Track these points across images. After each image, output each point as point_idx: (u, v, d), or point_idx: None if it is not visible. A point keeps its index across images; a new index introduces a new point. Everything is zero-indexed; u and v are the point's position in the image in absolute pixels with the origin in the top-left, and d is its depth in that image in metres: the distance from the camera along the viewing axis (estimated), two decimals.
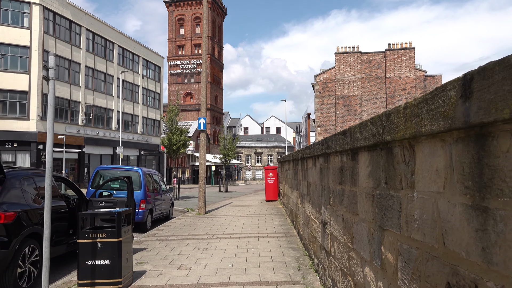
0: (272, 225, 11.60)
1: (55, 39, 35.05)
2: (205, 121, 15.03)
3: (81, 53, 38.67)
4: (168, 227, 11.61)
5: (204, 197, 15.08)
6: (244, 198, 25.37)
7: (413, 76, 44.51)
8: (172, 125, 22.30)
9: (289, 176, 12.40)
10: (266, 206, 18.17)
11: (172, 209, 15.29)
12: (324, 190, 5.18)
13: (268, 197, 21.03)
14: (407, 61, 44.92)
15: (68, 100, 36.75)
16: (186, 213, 16.56)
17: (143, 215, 11.46)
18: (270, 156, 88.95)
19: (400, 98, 44.48)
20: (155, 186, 13.10)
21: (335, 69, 46.75)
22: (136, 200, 11.25)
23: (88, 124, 39.34)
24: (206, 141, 66.96)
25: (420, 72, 44.73)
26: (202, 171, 15.19)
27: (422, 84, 44.65)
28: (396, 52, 45.08)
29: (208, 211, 15.99)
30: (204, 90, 15.25)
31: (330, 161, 4.69)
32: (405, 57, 45.01)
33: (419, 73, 44.73)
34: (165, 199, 13.98)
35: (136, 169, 11.88)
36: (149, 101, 52.61)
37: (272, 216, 14.12)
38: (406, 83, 44.64)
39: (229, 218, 13.61)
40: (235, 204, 19.61)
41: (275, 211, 15.81)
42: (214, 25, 78.22)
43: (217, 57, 79.47)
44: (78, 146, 37.80)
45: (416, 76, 44.57)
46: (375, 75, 45.51)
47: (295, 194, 10.10)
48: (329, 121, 46.67)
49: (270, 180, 20.91)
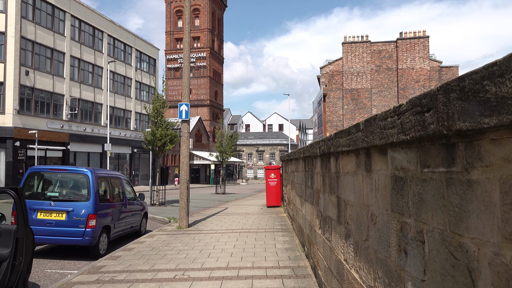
0: (274, 251, 8.23)
1: (35, 25, 31.72)
2: (188, 108, 11.68)
3: (66, 41, 35.33)
4: (129, 252, 8.27)
5: (187, 205, 11.74)
6: (242, 202, 22.02)
7: (427, 67, 41.03)
8: (157, 117, 18.93)
9: (298, 180, 9.05)
10: (267, 215, 14.82)
11: (146, 221, 11.94)
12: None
13: (270, 202, 17.69)
14: (421, 51, 41.42)
15: (50, 92, 33.43)
16: (167, 224, 13.23)
17: (92, 235, 8.13)
18: (272, 154, 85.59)
19: (413, 91, 41.01)
20: (117, 194, 9.75)
21: (342, 60, 43.31)
22: (80, 215, 7.92)
23: (73, 119, 36.03)
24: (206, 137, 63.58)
25: (435, 62, 41.24)
26: (184, 172, 11.84)
27: (437, 76, 41.15)
28: (409, 41, 41.60)
29: (193, 223, 12.64)
30: (187, 68, 11.88)
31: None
32: (418, 47, 41.53)
33: (433, 64, 41.24)
34: (133, 210, 10.63)
35: (84, 171, 8.53)
36: (143, 95, 49.26)
37: (274, 232, 10.75)
38: (419, 74, 41.17)
39: (217, 236, 10.26)
40: (230, 212, 16.26)
41: (278, 223, 12.45)
42: (214, 17, 74.78)
43: (217, 50, 76.03)
44: (62, 143, 34.50)
45: (431, 67, 41.09)
46: (385, 66, 42.06)
47: (308, 209, 6.77)
48: (335, 116, 43.27)
49: (271, 182, 17.55)
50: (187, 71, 11.83)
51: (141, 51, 48.07)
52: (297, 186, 9.30)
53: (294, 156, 9.59)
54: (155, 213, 16.43)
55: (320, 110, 8.50)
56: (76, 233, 8.04)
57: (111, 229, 8.99)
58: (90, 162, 38.41)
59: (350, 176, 3.38)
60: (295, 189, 10.07)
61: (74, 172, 8.70)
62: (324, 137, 4.71)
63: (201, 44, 71.98)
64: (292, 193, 10.93)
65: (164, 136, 18.75)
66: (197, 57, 71.54)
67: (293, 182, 10.68)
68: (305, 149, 6.86)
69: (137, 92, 47.32)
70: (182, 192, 11.76)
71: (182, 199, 11.71)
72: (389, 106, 42.14)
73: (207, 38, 71.66)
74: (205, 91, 71.24)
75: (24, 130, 29.40)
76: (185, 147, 11.78)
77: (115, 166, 42.59)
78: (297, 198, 9.17)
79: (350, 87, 42.54)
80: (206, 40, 71.66)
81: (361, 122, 2.76)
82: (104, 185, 9.08)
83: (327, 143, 4.17)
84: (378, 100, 42.12)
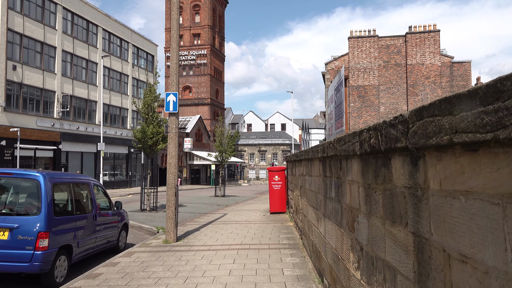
0: (281, 281, 6.23)
1: (23, 16, 29.83)
2: (176, 99, 9.72)
3: (57, 35, 33.43)
4: (92, 282, 6.32)
5: (175, 215, 9.78)
6: (243, 206, 20.07)
7: (438, 62, 39.01)
8: (148, 113, 16.96)
9: (311, 186, 7.10)
10: (270, 224, 12.85)
11: (126, 233, 9.99)
12: None
13: (273, 208, 15.72)
14: (431, 46, 39.41)
15: (40, 89, 31.53)
16: (154, 236, 11.30)
17: (44, 260, 6.18)
18: (274, 154, 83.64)
19: (423, 87, 39.03)
20: (83, 204, 7.80)
21: (348, 56, 41.39)
22: (27, 233, 6.00)
23: (65, 117, 34.13)
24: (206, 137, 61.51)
25: (446, 58, 39.20)
26: (172, 175, 9.88)
27: (448, 72, 39.17)
28: (419, 35, 39.62)
29: (184, 235, 10.68)
30: (176, 50, 9.89)
31: None
32: (428, 41, 39.53)
33: (445, 59, 39.20)
34: (108, 222, 8.70)
35: (34, 175, 6.57)
36: (141, 93, 47.35)
37: (281, 249, 8.78)
38: (430, 70, 39.17)
39: (209, 255, 8.30)
40: (228, 220, 14.29)
41: (284, 235, 10.50)
42: (215, 14, 72.82)
43: (218, 48, 74.06)
44: (53, 143, 32.60)
45: (442, 62, 39.07)
46: (394, 62, 40.10)
47: (331, 230, 4.80)
48: None
49: (275, 186, 15.58)
50: (176, 54, 9.87)
51: (138, 47, 46.17)
52: (310, 194, 7.34)
53: (305, 156, 7.63)
54: (144, 221, 14.49)
55: (339, 98, 6.92)
56: (21, 256, 6.10)
57: (73, 249, 7.04)
58: (84, 163, 36.52)
59: (480, 202, 1.43)
60: (306, 197, 8.12)
61: (21, 176, 6.74)
62: (372, 124, 2.75)
63: (201, 41, 70.05)
64: (302, 201, 8.97)
65: (155, 134, 16.79)
66: (198, 55, 69.62)
67: (303, 188, 8.72)
68: (327, 146, 4.91)
69: (134, 89, 45.42)
70: (169, 199, 9.80)
71: (169, 208, 9.75)
72: (398, 103, 40.10)
73: (208, 35, 69.73)
74: (205, 90, 69.30)
75: (11, 128, 27.51)
76: (172, 145, 9.81)
77: (111, 166, 40.72)
78: (310, 210, 7.21)
79: (357, 84, 40.59)
80: (206, 37, 69.73)
81: None
82: (64, 193, 7.13)
83: (397, 128, 2.20)
84: (386, 97, 40.15)
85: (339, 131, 6.75)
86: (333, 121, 7.70)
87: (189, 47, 70.16)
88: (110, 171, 40.97)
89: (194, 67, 70.04)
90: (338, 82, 7.08)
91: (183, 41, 70.86)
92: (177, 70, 9.91)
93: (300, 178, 9.47)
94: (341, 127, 6.70)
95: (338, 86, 7.15)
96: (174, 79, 9.89)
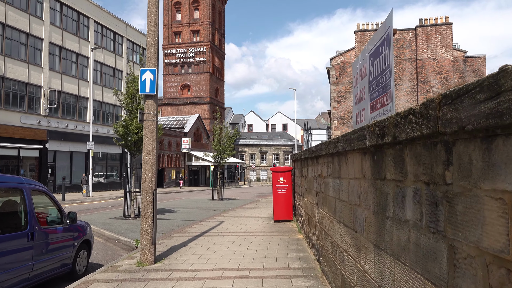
0: None
1: (6, 5, 27.56)
2: (154, 77, 7.43)
3: (44, 26, 31.16)
4: None
5: (153, 229, 7.47)
6: (242, 211, 17.75)
7: (450, 57, 36.69)
8: (131, 105, 14.66)
9: (342, 194, 4.79)
10: (275, 236, 10.53)
11: (88, 253, 7.66)
12: None
13: (278, 216, 13.40)
14: (443, 40, 37.11)
15: (25, 83, 29.26)
16: (130, 253, 8.99)
17: None
18: (276, 155, 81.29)
19: (434, 84, 36.71)
20: (12, 219, 5.49)
21: (355, 50, 39.14)
22: None
23: (53, 114, 31.84)
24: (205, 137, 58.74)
25: (459, 52, 36.87)
26: (148, 177, 7.56)
27: (461, 67, 36.83)
28: (430, 28, 37.33)
29: (165, 253, 8.37)
30: (153, 14, 7.60)
31: None
32: (440, 35, 37.22)
33: (457, 53, 36.88)
34: (57, 240, 6.38)
35: None
36: None
37: (292, 277, 6.44)
38: (442, 66, 36.85)
39: (194, 285, 5.98)
40: (225, 230, 11.97)
41: (294, 254, 8.19)
42: (215, 10, 70.54)
43: (218, 45, 71.76)
44: (39, 142, 30.32)
45: (454, 57, 36.74)
46: (403, 56, 37.81)
47: (397, 273, 2.52)
48: (347, 112, 39.06)
49: (280, 189, 13.26)
50: (154, 19, 7.57)
51: (133, 42, 43.89)
52: (337, 205, 5.03)
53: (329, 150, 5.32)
54: (123, 231, 12.17)
55: (381, 62, 4.77)
56: None
57: None
58: (73, 163, 34.22)
59: None
60: (328, 207, 5.81)
61: None
62: None
63: (200, 38, 67.79)
64: (321, 211, 6.64)
65: (141, 129, 14.48)
66: (197, 52, 67.35)
67: (322, 194, 6.39)
68: (393, 122, 2.63)
69: None
70: (144, 208, 7.49)
71: (145, 219, 7.44)
72: (407, 101, 37.80)
73: (207, 32, 67.47)
74: (205, 88, 67.01)
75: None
76: (149, 137, 7.51)
77: (104, 167, 38.42)
78: (339, 228, 4.89)
79: None
80: (206, 34, 67.47)
81: None
82: None
83: None
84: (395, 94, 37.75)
85: (383, 112, 4.44)
86: (366, 101, 5.39)
87: (188, 44, 67.89)
88: (103, 172, 38.67)
89: (193, 65, 67.76)
90: (381, 40, 4.78)
91: (182, 38, 68.64)
92: (156, 40, 7.61)
93: (316, 181, 7.16)
94: (386, 105, 4.39)
95: (378, 48, 4.84)
96: (152, 52, 7.59)
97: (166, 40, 68.98)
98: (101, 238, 11.56)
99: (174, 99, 68.05)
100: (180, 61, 68.11)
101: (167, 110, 67.58)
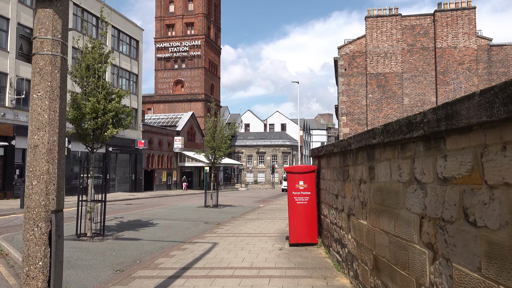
0: None
1: None
2: None
3: (11, 4, 26.89)
4: None
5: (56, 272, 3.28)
6: (242, 225, 13.52)
7: (473, 45, 32.71)
8: (88, 79, 10.38)
9: None
10: (302, 279, 6.33)
11: None
12: None
13: (297, 237, 9.16)
14: (466, 26, 33.11)
15: None
16: None
17: None
18: (274, 156, 77.15)
19: (455, 75, 32.73)
20: None
21: (365, 38, 35.07)
22: None
23: (21, 106, 27.53)
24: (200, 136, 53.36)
25: (484, 40, 32.89)
26: (36, 181, 3.37)
27: (485, 57, 32.81)
28: (450, 14, 33.33)
29: None
30: None
31: None
32: (462, 20, 33.22)
33: (481, 41, 32.88)
34: None
35: None
36: (123, 83, 40.83)
37: None
38: (464, 55, 32.85)
39: None
40: (218, 262, 7.73)
41: None
42: (210, 2, 66.34)
43: (214, 39, 67.55)
44: (5, 138, 25.99)
45: (478, 45, 32.76)
46: (420, 45, 33.80)
47: None
48: (357, 107, 35.00)
49: (300, 199, 9.06)
50: None
51: (120, 30, 39.63)
52: None
53: None
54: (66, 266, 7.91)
55: None
56: None
57: None
58: None
59: None
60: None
61: None
62: None
63: (195, 31, 63.57)
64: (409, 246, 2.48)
65: (102, 112, 10.25)
66: (191, 46, 63.11)
67: (412, 214, 2.26)
68: None
69: (114, 78, 38.81)
70: (30, 253, 3.29)
71: (34, 279, 3.25)
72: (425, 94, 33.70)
73: (202, 24, 63.26)
74: (199, 84, 62.73)
75: None
76: (43, 93, 3.35)
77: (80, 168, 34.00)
78: None
79: (376, 71, 34.28)
80: (201, 27, 63.27)
81: None
82: None
83: None
84: (411, 87, 33.78)
85: None
86: None
87: (182, 37, 63.65)
88: (84, 173, 34.27)
89: (187, 59, 63.50)
90: None
91: (175, 31, 64.41)
92: None
93: (397, 187, 3.01)
94: None
95: None
96: None
97: (158, 33, 64.73)
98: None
99: (167, 96, 63.73)
100: (173, 56, 63.84)
101: (159, 108, 63.30)
